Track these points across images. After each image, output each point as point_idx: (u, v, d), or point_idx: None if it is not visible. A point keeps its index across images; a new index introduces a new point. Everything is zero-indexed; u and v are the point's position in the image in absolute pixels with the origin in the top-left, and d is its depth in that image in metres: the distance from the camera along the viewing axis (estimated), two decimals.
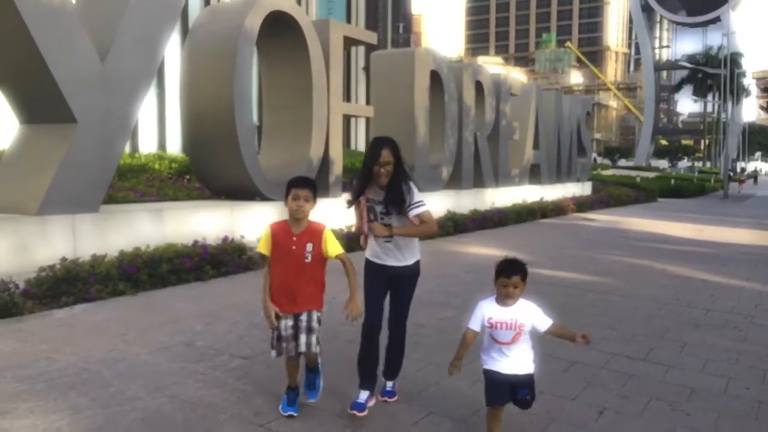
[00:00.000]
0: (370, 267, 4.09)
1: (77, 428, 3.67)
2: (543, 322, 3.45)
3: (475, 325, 3.51)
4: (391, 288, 4.08)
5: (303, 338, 3.76)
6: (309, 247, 3.73)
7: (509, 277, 3.39)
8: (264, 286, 3.82)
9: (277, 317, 3.78)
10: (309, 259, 3.74)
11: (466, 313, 6.64)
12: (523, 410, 3.59)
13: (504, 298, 3.42)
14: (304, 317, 3.77)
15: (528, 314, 3.44)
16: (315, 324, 3.80)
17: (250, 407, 4.04)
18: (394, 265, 4.03)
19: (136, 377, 4.51)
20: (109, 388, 4.30)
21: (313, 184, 3.80)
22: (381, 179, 3.88)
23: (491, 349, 3.51)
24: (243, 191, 10.75)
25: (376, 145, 3.92)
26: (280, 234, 3.77)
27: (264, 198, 10.68)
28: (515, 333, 3.42)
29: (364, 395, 3.96)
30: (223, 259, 8.27)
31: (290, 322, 3.77)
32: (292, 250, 3.73)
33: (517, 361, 3.45)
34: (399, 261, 4.03)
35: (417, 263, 4.13)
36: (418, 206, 3.92)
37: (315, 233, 3.78)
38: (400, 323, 4.18)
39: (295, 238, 3.74)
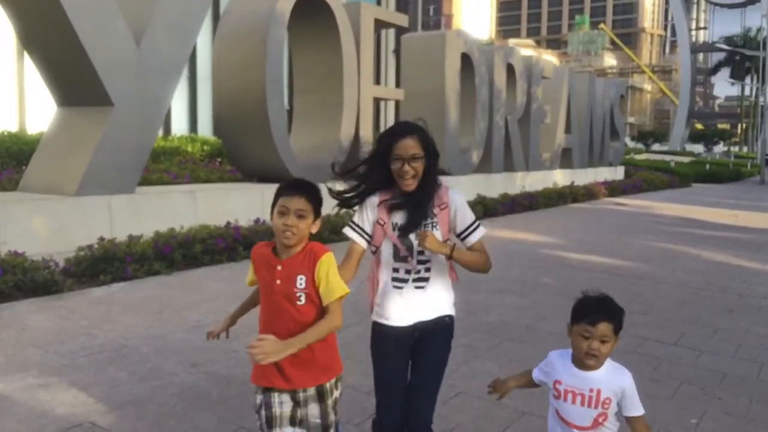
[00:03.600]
0: (385, 333, 2.70)
1: (117, 401, 3.80)
2: (634, 406, 2.27)
3: (539, 374, 2.43)
4: (412, 355, 2.72)
5: None
6: (300, 281, 2.37)
7: (594, 324, 2.21)
8: (243, 303, 2.77)
9: (264, 392, 2.45)
10: (302, 300, 2.38)
11: (496, 295, 6.70)
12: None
13: (584, 357, 2.24)
14: (312, 411, 2.43)
15: (617, 386, 2.25)
16: (332, 420, 2.46)
17: None
18: (423, 320, 2.67)
19: (173, 354, 4.63)
20: (147, 363, 4.44)
21: (313, 191, 2.42)
22: (407, 182, 2.57)
23: None
24: (274, 174, 10.84)
25: (395, 130, 2.65)
26: (260, 262, 2.48)
27: None
28: (598, 413, 2.24)
29: None
30: (255, 241, 8.34)
31: (286, 399, 2.41)
32: (275, 287, 2.40)
33: None
34: (430, 313, 2.68)
35: (451, 318, 2.76)
36: (476, 228, 2.68)
37: (308, 259, 2.39)
38: (422, 418, 2.63)
39: (279, 268, 2.39)
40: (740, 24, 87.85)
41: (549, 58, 34.04)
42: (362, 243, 2.69)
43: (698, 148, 76.34)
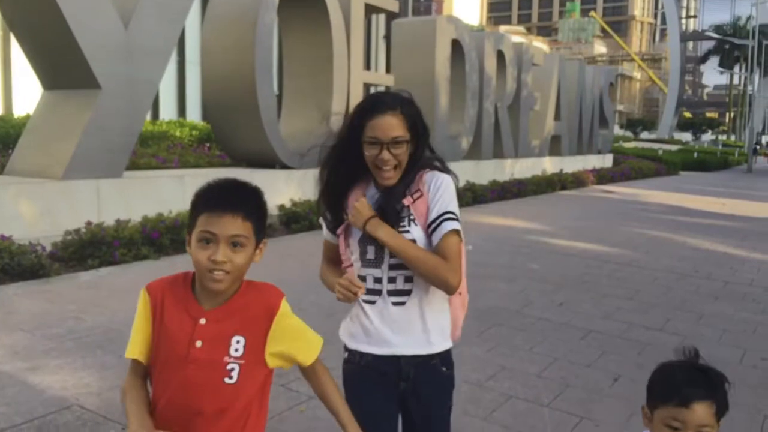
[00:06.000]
0: (358, 364, 2.01)
1: (105, 384, 3.80)
2: None
3: None
4: (402, 406, 2.04)
5: None
6: (236, 346, 1.57)
7: (687, 405, 1.57)
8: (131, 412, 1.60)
9: None
10: (233, 377, 1.56)
11: (485, 281, 6.74)
12: (539, 375, 2.93)
13: None
14: None
15: None
16: None
17: None
18: (407, 354, 1.98)
19: None
20: None
21: (253, 203, 1.61)
22: (386, 174, 1.91)
23: None
24: (263, 159, 10.82)
25: (371, 103, 1.93)
26: (169, 312, 1.61)
27: (284, 166, 10.74)
28: None
29: None
30: None
31: None
32: (191, 353, 1.55)
33: None
34: (417, 344, 1.99)
35: (449, 354, 2.08)
36: (447, 219, 1.90)
37: (254, 310, 1.61)
38: None
39: (203, 321, 1.58)
40: (730, 12, 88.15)
41: (539, 45, 33.99)
42: (332, 238, 2.11)
43: (686, 136, 76.77)
